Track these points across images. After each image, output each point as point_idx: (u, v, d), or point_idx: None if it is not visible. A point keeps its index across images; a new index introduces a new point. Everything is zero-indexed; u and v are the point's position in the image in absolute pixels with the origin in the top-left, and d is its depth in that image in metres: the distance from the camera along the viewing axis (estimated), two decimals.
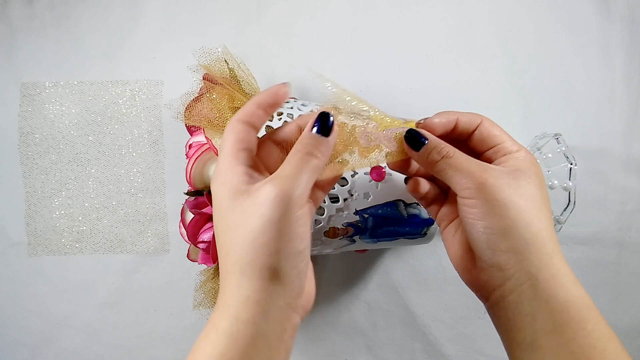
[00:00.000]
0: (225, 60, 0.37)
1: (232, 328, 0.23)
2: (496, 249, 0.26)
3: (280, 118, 0.37)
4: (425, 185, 0.32)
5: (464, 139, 0.30)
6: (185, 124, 0.39)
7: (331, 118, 0.26)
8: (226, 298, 0.24)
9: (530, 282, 0.25)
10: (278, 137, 0.29)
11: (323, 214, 0.37)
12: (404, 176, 0.33)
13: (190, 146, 0.39)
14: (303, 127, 0.27)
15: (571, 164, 0.41)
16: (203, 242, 0.39)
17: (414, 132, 0.28)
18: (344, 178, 0.37)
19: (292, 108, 0.38)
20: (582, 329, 0.24)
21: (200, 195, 0.38)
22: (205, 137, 0.36)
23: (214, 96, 0.36)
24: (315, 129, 0.26)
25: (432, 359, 0.51)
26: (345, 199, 0.37)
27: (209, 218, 0.39)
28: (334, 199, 0.37)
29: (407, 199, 0.38)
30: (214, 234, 0.37)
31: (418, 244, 0.43)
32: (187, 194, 0.39)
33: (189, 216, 0.40)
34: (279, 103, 0.28)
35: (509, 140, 0.28)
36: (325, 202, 0.36)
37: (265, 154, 0.28)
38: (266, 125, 0.36)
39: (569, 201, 0.41)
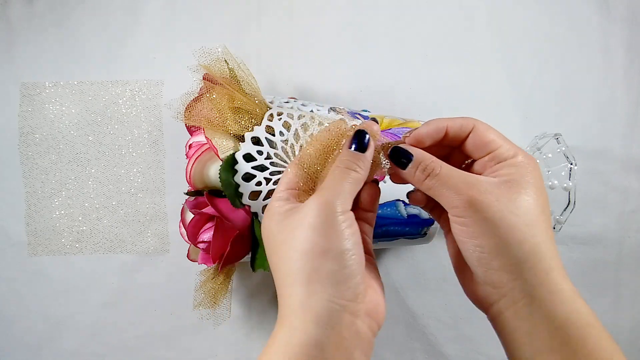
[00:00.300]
0: (225, 60, 0.37)
1: (288, 337, 0.23)
2: (488, 267, 0.25)
3: (280, 118, 0.37)
4: (421, 199, 0.30)
5: (458, 145, 0.28)
6: (185, 124, 0.39)
7: (367, 135, 0.27)
8: (282, 311, 0.24)
9: (526, 301, 0.24)
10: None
11: None
12: None
13: (190, 146, 0.39)
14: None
15: (571, 164, 0.41)
16: (203, 242, 0.39)
17: (399, 150, 0.27)
18: None
19: (292, 108, 0.38)
20: (583, 348, 0.23)
21: (200, 195, 0.38)
22: (205, 137, 0.36)
23: (214, 96, 0.36)
24: (353, 146, 0.27)
25: (432, 359, 0.51)
26: None
27: (209, 218, 0.39)
28: None
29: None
30: (214, 234, 0.38)
31: (418, 244, 0.43)
32: (187, 194, 0.39)
33: (189, 216, 0.40)
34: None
35: (505, 145, 0.26)
36: None
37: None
38: (266, 126, 0.36)
39: (569, 201, 0.41)
